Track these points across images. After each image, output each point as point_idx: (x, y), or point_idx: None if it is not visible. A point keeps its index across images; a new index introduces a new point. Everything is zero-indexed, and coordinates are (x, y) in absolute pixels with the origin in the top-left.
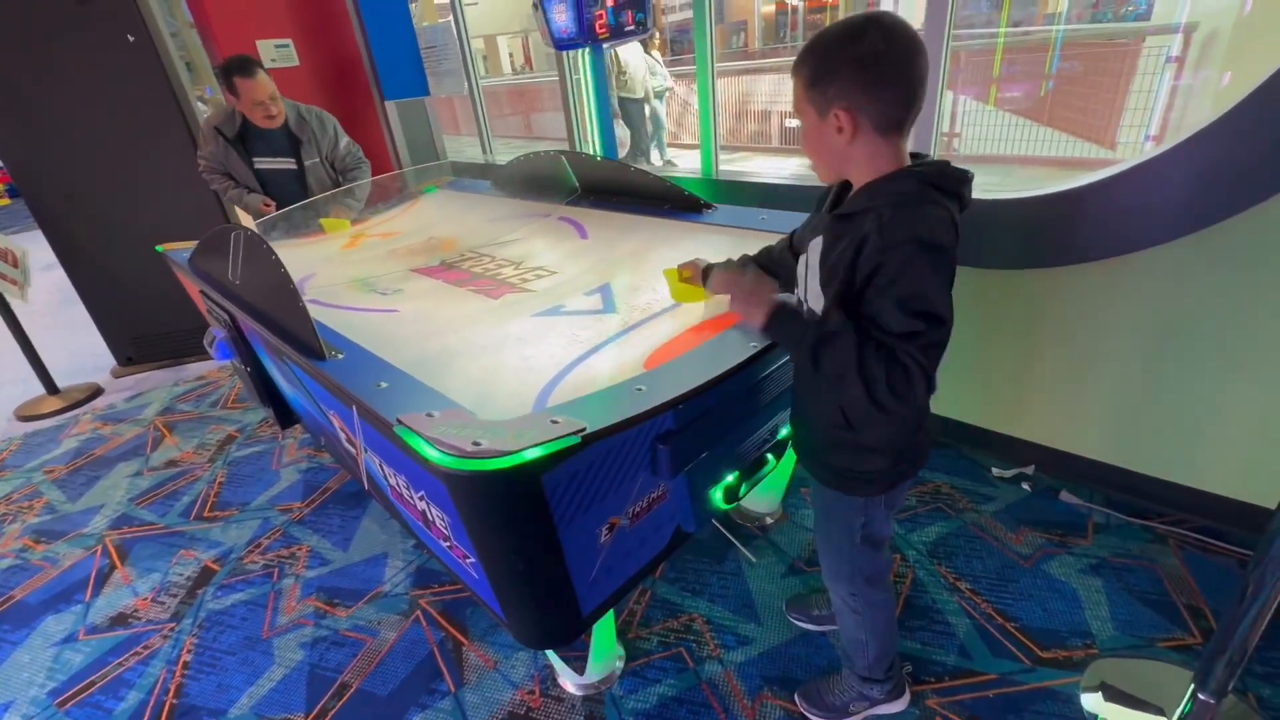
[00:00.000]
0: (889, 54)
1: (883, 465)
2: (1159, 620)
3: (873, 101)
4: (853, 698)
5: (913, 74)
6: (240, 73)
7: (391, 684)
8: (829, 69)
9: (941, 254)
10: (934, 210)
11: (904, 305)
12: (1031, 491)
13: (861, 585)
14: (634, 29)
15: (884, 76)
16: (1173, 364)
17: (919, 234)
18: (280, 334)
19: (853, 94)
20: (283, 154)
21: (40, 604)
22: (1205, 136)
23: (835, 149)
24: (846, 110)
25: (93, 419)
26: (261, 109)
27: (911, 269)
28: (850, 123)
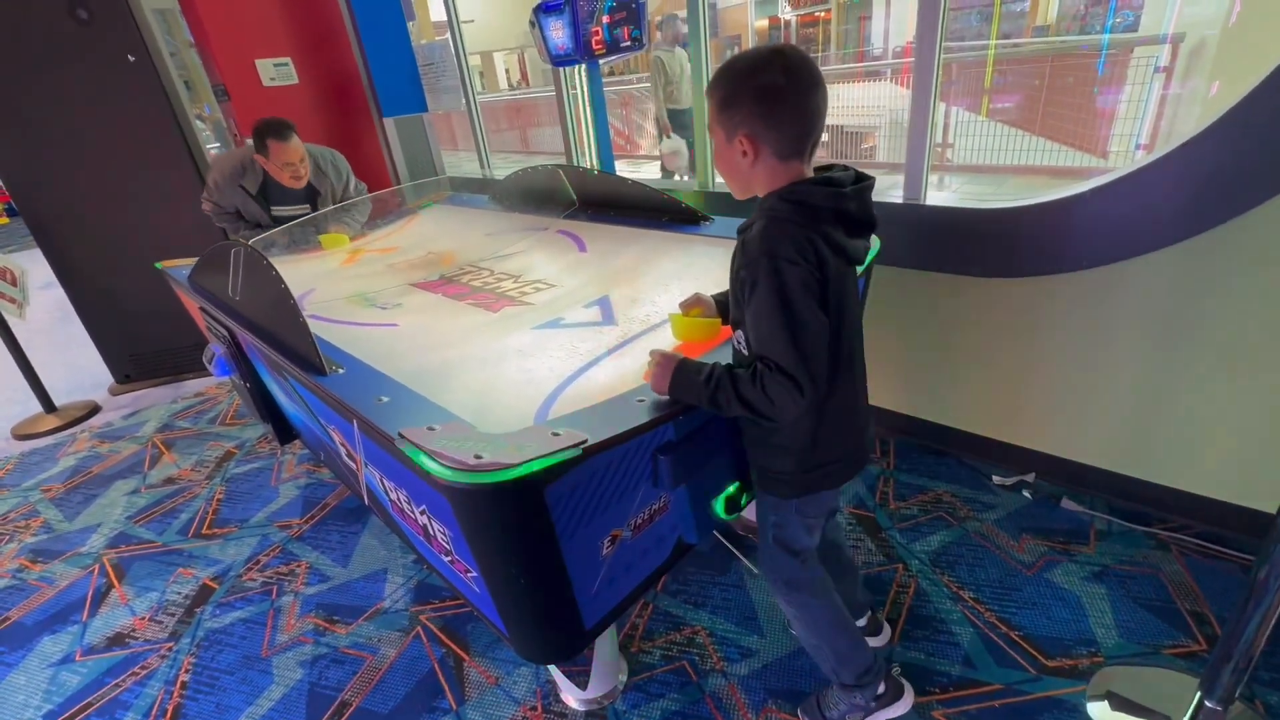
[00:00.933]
0: (788, 88)
1: (789, 466)
2: (1163, 627)
3: (771, 130)
4: (846, 709)
5: (809, 107)
6: (275, 136)
7: (392, 702)
8: (734, 97)
9: (796, 268)
10: (795, 229)
11: (758, 322)
12: (1032, 499)
13: (785, 589)
14: (630, 45)
15: (782, 109)
16: (1171, 369)
17: (768, 249)
18: (280, 349)
19: (753, 123)
20: (299, 202)
21: (37, 625)
22: (1197, 144)
23: (740, 169)
24: (748, 137)
25: (90, 437)
26: (290, 170)
27: (763, 286)
28: (752, 148)
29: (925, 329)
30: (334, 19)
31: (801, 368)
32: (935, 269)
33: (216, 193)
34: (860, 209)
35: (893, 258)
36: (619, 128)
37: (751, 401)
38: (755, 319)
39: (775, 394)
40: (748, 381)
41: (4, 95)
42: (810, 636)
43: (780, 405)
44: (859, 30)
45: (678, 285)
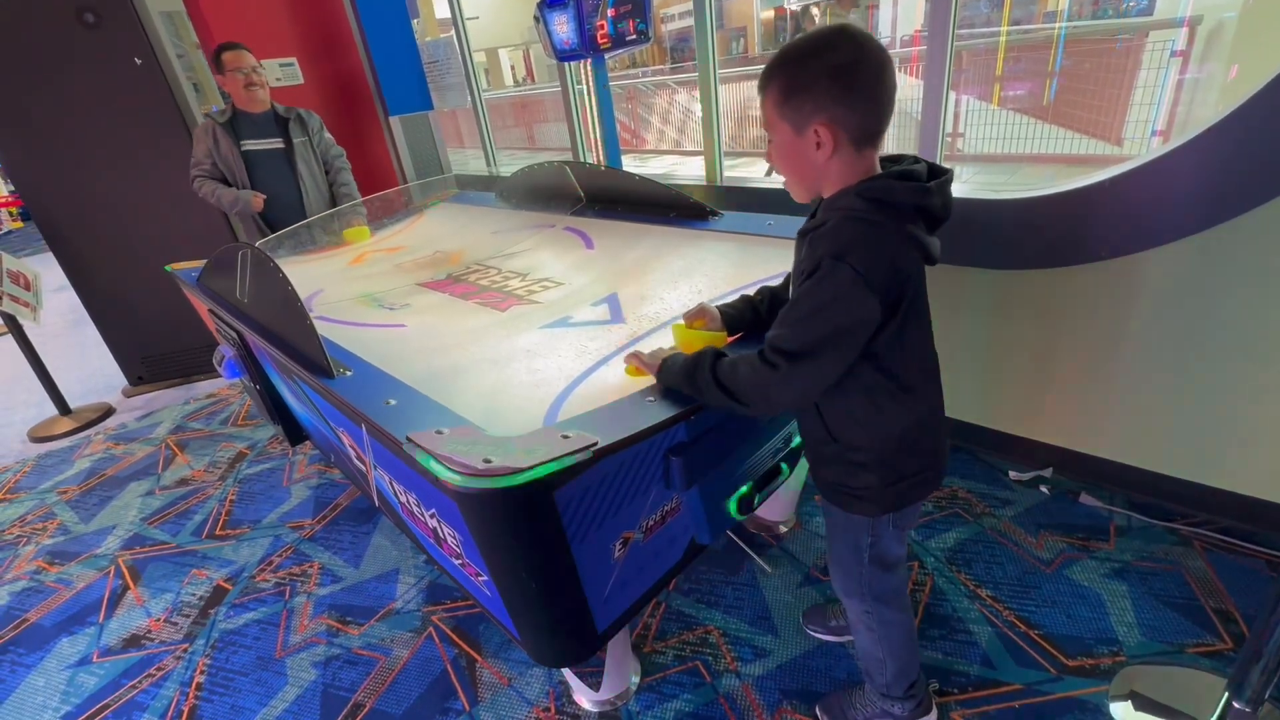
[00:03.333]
0: (864, 64)
1: (874, 482)
2: (1187, 625)
3: (851, 113)
4: (874, 714)
5: (885, 82)
6: (227, 48)
7: (406, 703)
8: (804, 81)
9: (857, 278)
10: (871, 231)
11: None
12: (1050, 494)
13: (872, 603)
14: (635, 38)
15: (861, 87)
16: (1193, 362)
17: (837, 251)
18: (288, 352)
19: (831, 106)
20: (269, 135)
21: (54, 626)
22: (1218, 131)
23: (813, 165)
24: (826, 124)
25: (105, 439)
26: (244, 77)
27: (817, 284)
28: (830, 137)
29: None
30: (339, 18)
31: (793, 365)
32: (947, 261)
33: (196, 144)
34: (944, 205)
35: None
36: (625, 122)
37: (721, 381)
38: (791, 304)
39: (750, 375)
40: (727, 364)
41: (14, 99)
42: (877, 649)
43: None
44: (867, 19)
45: (686, 282)
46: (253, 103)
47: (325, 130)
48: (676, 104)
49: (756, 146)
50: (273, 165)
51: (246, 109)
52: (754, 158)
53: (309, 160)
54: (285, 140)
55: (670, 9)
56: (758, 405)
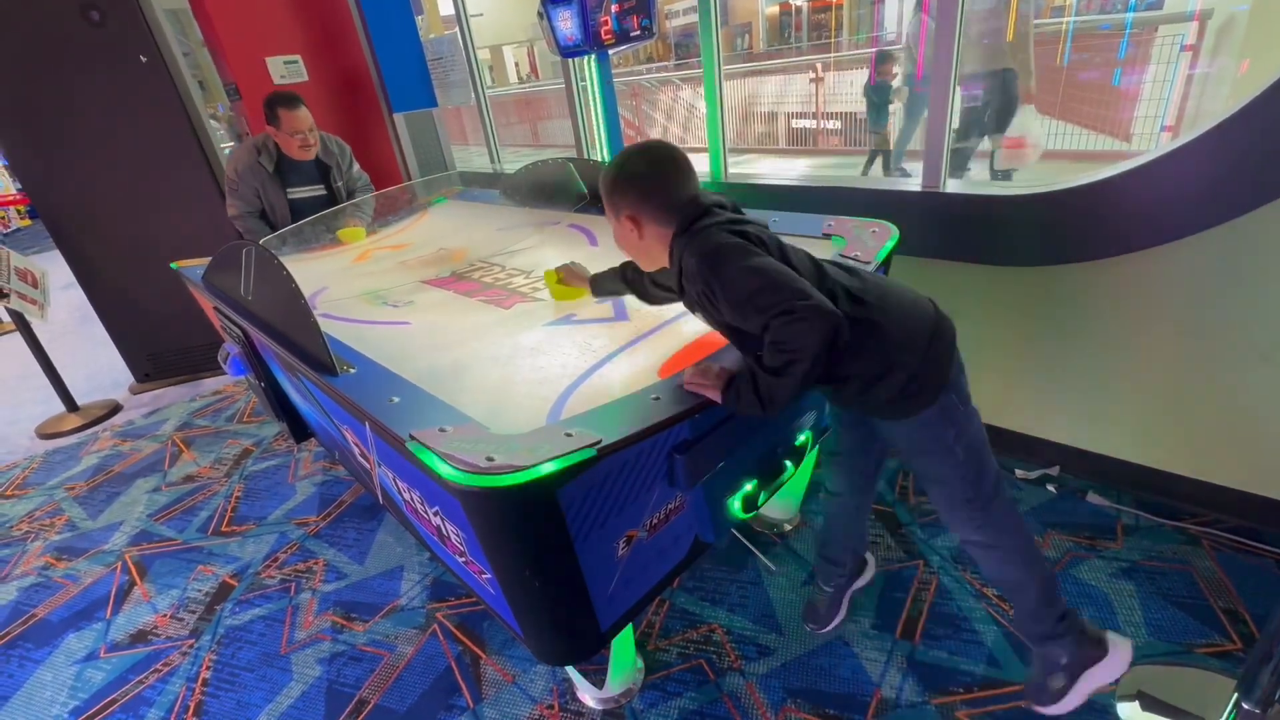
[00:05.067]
0: (649, 173)
1: (910, 375)
2: (1195, 625)
3: (646, 203)
4: (1059, 671)
5: (673, 178)
6: (285, 105)
7: (410, 699)
8: (613, 187)
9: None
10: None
11: (740, 303)
12: (1057, 493)
13: (984, 507)
14: (639, 34)
15: (651, 187)
16: (1203, 359)
17: (695, 253)
18: (292, 349)
19: (632, 204)
20: (314, 182)
21: (62, 622)
22: (1230, 126)
23: (635, 244)
24: (630, 217)
25: (112, 436)
26: (300, 139)
27: (717, 276)
28: (634, 224)
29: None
30: (343, 15)
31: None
32: (954, 258)
33: (239, 182)
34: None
35: (910, 247)
36: (629, 119)
37: (777, 365)
38: (731, 305)
39: (787, 339)
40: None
41: (20, 98)
42: (1010, 566)
43: (801, 345)
44: (872, 14)
45: None
46: (303, 157)
47: (354, 161)
48: (681, 100)
49: (761, 143)
50: (315, 209)
51: (294, 158)
52: (758, 154)
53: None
54: (327, 186)
55: (674, 5)
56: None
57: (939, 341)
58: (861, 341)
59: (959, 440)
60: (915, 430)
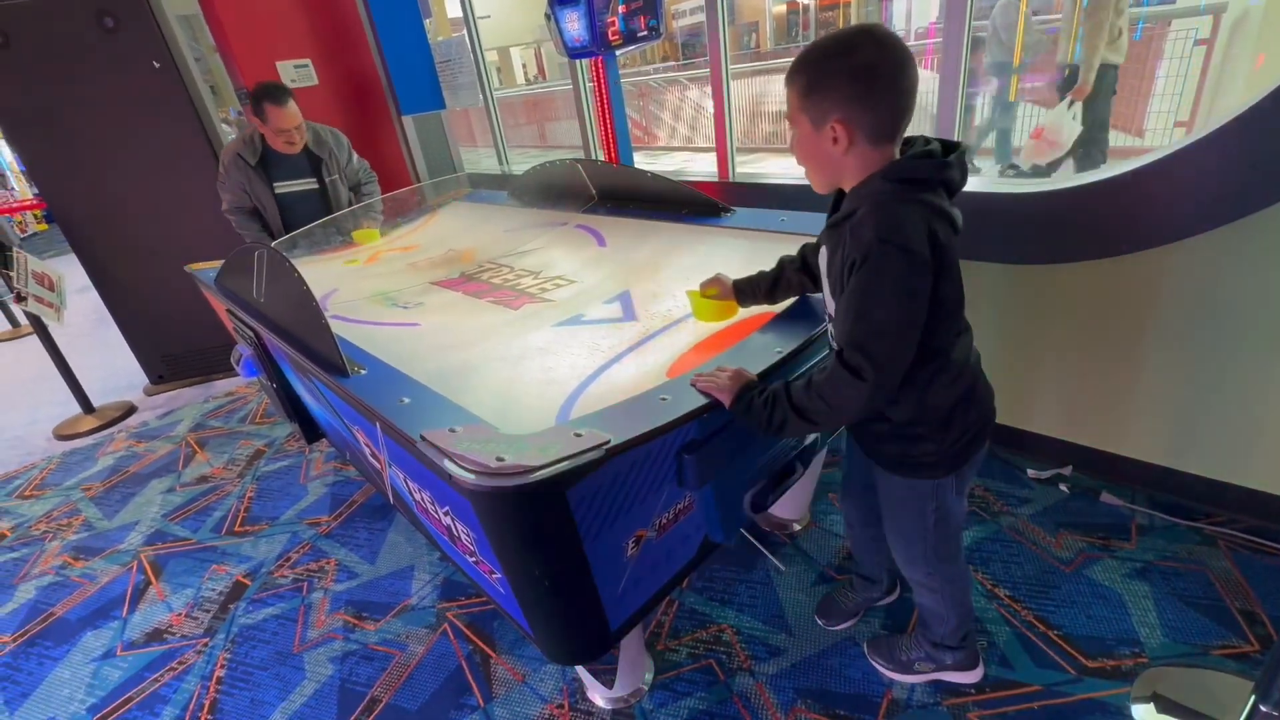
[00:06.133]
0: (882, 66)
1: (935, 448)
2: (1211, 626)
3: (867, 112)
4: (920, 657)
5: (904, 84)
6: (272, 100)
7: (421, 698)
8: (824, 80)
9: (908, 255)
10: (905, 209)
11: (852, 308)
12: (1069, 493)
13: (936, 565)
14: (647, 35)
15: (878, 88)
16: (1219, 357)
17: (882, 234)
18: (304, 351)
19: (848, 106)
20: (303, 175)
21: (79, 620)
22: (1244, 121)
23: (830, 159)
24: (842, 122)
25: (127, 437)
26: (284, 136)
27: (874, 278)
28: (845, 134)
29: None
30: (352, 19)
31: (883, 369)
32: (965, 256)
33: (226, 179)
34: (962, 175)
35: None
36: (637, 119)
37: (809, 412)
38: (849, 301)
39: (836, 396)
40: (803, 392)
41: (37, 104)
42: (943, 606)
43: (841, 409)
44: (880, 11)
45: (699, 279)
46: (288, 152)
47: (354, 153)
48: (688, 100)
49: (769, 142)
50: (307, 207)
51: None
52: (767, 153)
53: (340, 195)
54: (319, 180)
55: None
56: (842, 420)
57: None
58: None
59: (935, 514)
60: (900, 489)
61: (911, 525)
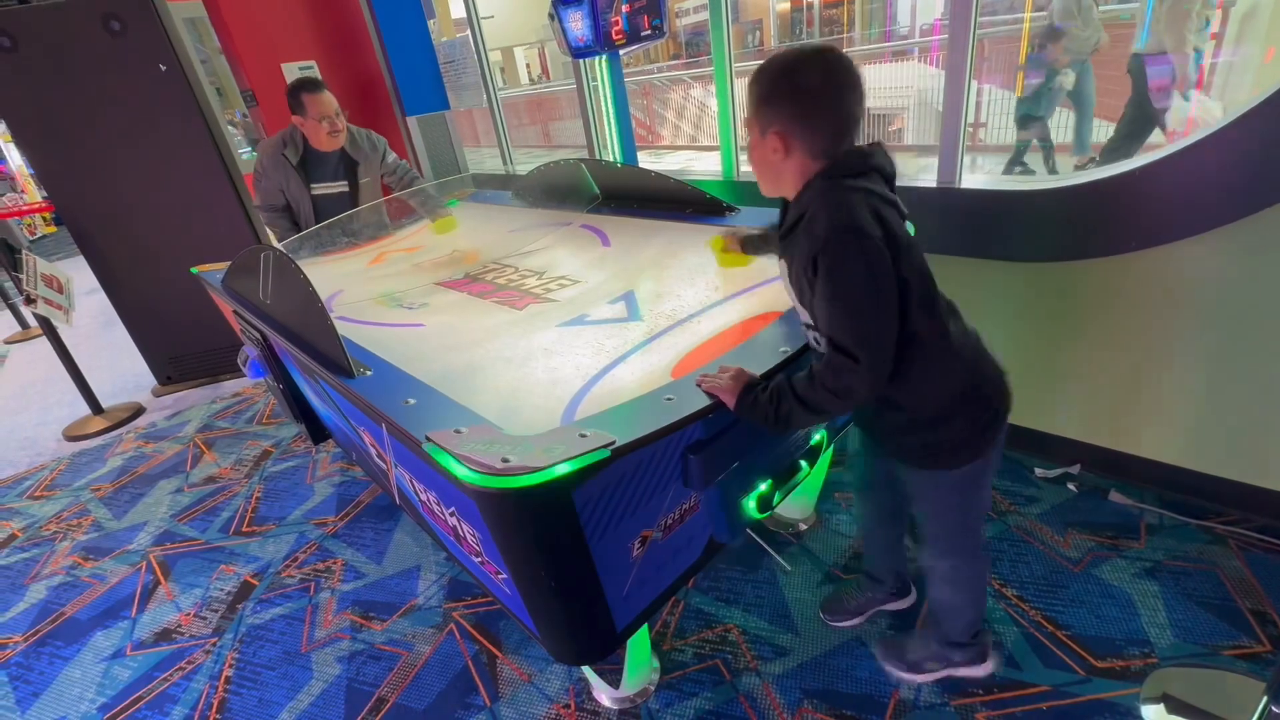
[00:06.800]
0: (824, 89)
1: (957, 433)
2: (1222, 626)
3: (805, 130)
4: (929, 655)
5: (845, 109)
6: (307, 89)
7: (428, 698)
8: (771, 96)
9: (861, 236)
10: (848, 196)
11: (828, 305)
12: (1078, 492)
13: (963, 558)
14: (650, 34)
15: (818, 109)
16: (1228, 355)
17: (834, 222)
18: (310, 352)
19: (788, 122)
20: (338, 177)
21: (90, 620)
22: (1254, 115)
23: (772, 165)
24: (780, 135)
25: (136, 437)
26: (328, 123)
27: (836, 263)
28: (783, 144)
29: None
30: (356, 21)
31: (870, 346)
32: (972, 254)
33: (264, 177)
34: (890, 163)
35: (927, 244)
36: (641, 119)
37: (814, 402)
38: (821, 293)
39: (838, 382)
40: (805, 383)
41: (46, 107)
42: (961, 598)
43: (845, 393)
44: (884, 9)
45: (703, 279)
46: (332, 145)
47: (390, 152)
48: (692, 99)
49: None
50: (339, 209)
51: (322, 150)
52: None
53: (373, 198)
54: (351, 182)
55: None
56: (849, 405)
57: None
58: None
59: (961, 508)
60: (925, 483)
61: (947, 519)
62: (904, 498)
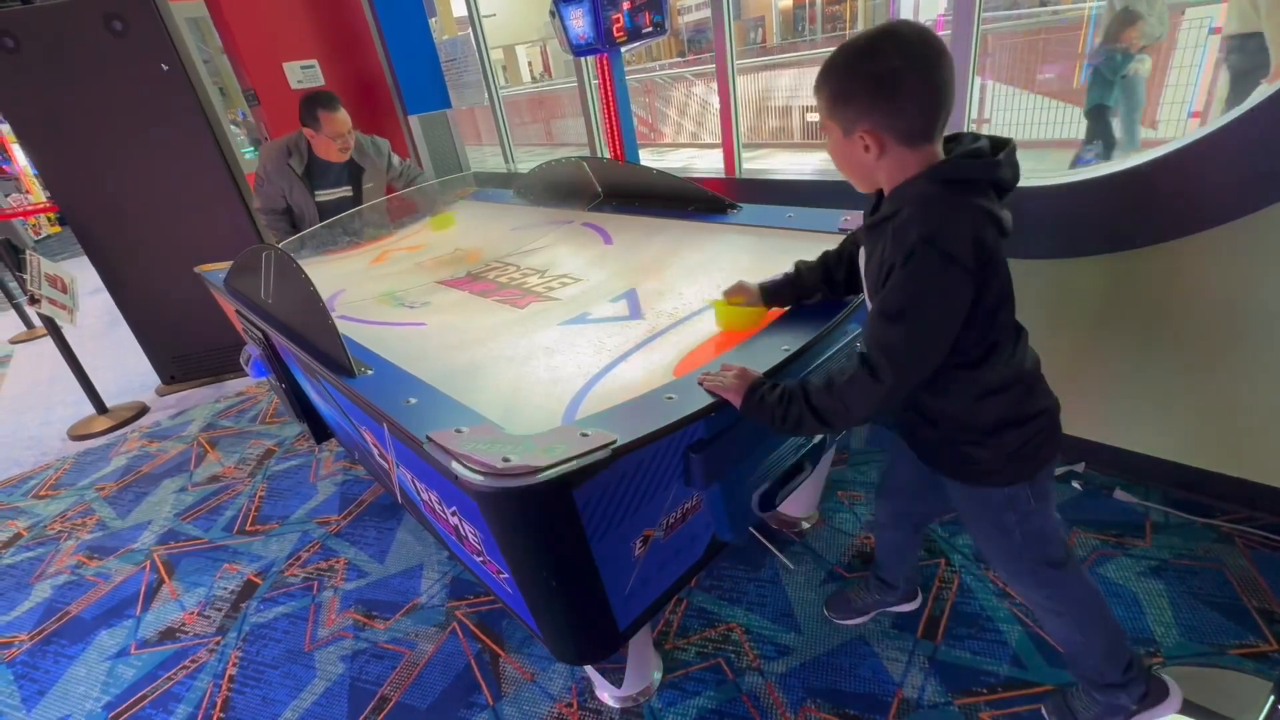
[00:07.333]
0: (906, 68)
1: (990, 455)
2: (1228, 625)
3: (896, 117)
4: (1104, 711)
5: (934, 83)
6: (325, 106)
7: (431, 697)
8: (849, 88)
9: (950, 262)
10: (953, 213)
11: (886, 308)
12: (1082, 490)
13: (1047, 577)
14: (652, 31)
15: (904, 91)
16: (1234, 352)
17: (927, 236)
18: (311, 352)
19: (875, 114)
20: (341, 184)
21: (94, 619)
22: (1261, 110)
23: (864, 165)
24: (870, 131)
25: (140, 437)
26: (341, 141)
27: (910, 281)
28: (875, 142)
29: None
30: (358, 20)
31: (901, 372)
32: None
33: (266, 183)
34: (1014, 175)
35: None
36: (643, 116)
37: (826, 411)
38: (884, 300)
39: (853, 396)
40: (821, 391)
41: (47, 107)
42: (1077, 629)
43: (853, 409)
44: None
45: (705, 276)
46: (339, 159)
47: (394, 155)
48: (694, 96)
49: (775, 137)
50: (341, 210)
51: (329, 160)
52: (774, 149)
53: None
54: (356, 189)
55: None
56: (856, 421)
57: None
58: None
59: (1020, 525)
60: (975, 503)
61: (994, 537)
62: (932, 508)
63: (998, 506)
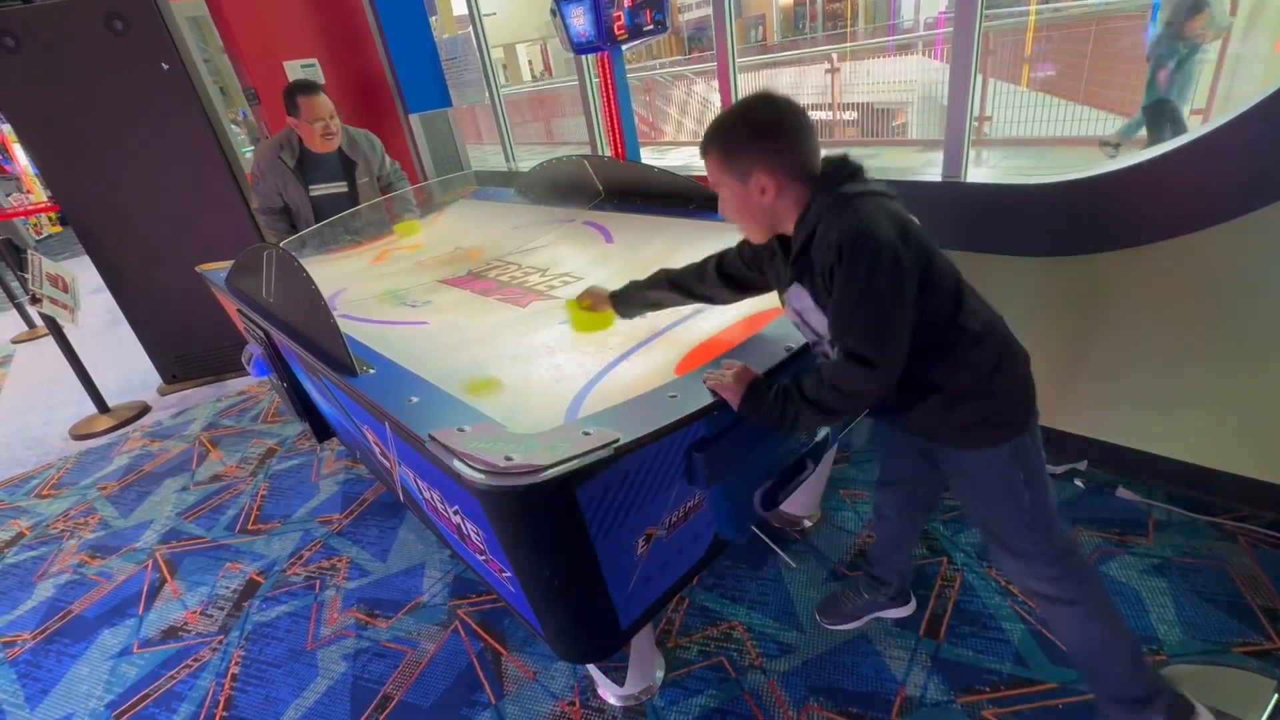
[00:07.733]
0: (779, 117)
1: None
2: (1232, 623)
3: (782, 155)
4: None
5: (805, 124)
6: (303, 91)
7: (433, 695)
8: (734, 144)
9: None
10: (859, 206)
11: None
12: (1085, 488)
13: (1057, 561)
14: (653, 29)
15: (783, 134)
16: (1235, 350)
17: (850, 229)
18: (313, 350)
19: (764, 157)
20: (336, 178)
21: (97, 618)
22: (1264, 108)
23: (763, 209)
24: (765, 171)
25: (142, 436)
26: (322, 125)
27: (852, 271)
28: (772, 180)
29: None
30: (358, 18)
31: (886, 349)
32: (978, 249)
33: (262, 180)
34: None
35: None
36: (643, 115)
37: (826, 404)
38: (837, 300)
39: (854, 386)
40: (815, 385)
41: (48, 106)
42: (1092, 631)
43: (859, 396)
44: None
45: None
46: (326, 148)
47: (386, 155)
48: (695, 95)
49: None
50: (337, 209)
51: (316, 151)
52: None
53: (370, 199)
54: (350, 182)
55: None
56: (862, 406)
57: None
58: (964, 355)
59: (1029, 485)
60: (982, 468)
61: (1007, 507)
62: (934, 490)
63: (1005, 465)
